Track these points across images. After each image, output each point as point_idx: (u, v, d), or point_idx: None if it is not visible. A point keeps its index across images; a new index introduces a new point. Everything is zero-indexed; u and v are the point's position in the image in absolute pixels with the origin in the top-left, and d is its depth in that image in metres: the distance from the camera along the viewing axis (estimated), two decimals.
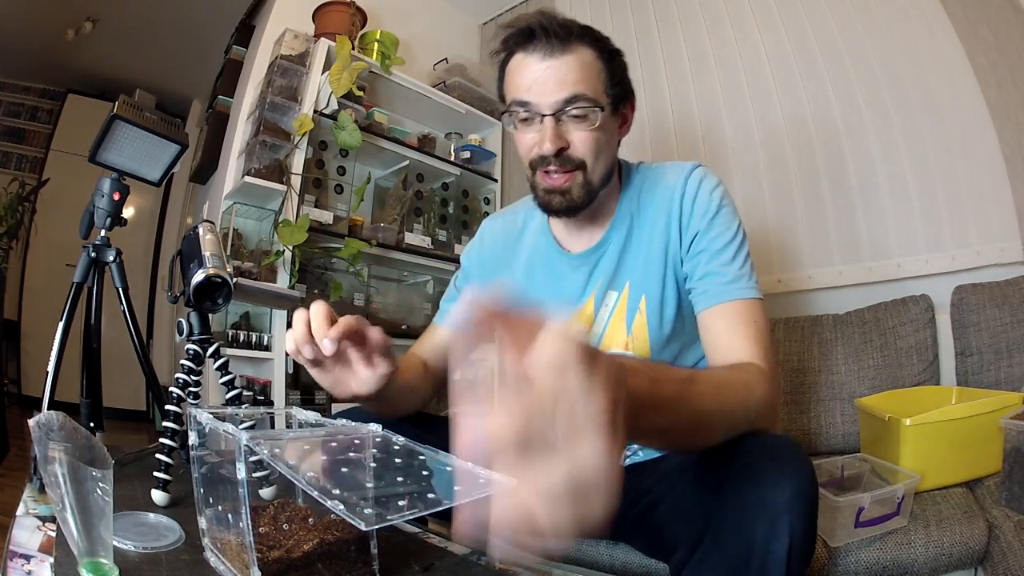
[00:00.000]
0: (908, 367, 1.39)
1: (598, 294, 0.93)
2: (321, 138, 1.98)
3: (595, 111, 0.81)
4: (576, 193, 0.84)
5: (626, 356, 0.44)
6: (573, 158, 0.83)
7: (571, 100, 0.80)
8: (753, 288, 0.82)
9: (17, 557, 0.59)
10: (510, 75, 0.85)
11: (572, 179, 0.84)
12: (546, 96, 0.80)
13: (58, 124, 3.78)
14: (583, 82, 0.80)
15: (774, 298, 1.79)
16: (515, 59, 0.84)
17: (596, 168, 0.84)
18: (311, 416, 0.73)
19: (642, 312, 0.89)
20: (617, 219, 0.93)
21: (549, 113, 0.80)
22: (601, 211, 0.92)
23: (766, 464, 0.63)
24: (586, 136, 0.82)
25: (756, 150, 1.85)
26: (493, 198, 2.50)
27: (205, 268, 0.84)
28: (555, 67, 0.80)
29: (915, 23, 1.59)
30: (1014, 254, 1.41)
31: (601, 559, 0.99)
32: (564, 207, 0.86)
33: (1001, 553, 0.93)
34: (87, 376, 1.09)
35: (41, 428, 0.59)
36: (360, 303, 2.05)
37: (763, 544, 0.60)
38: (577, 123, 0.81)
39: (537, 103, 0.81)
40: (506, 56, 0.85)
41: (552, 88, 0.80)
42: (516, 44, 0.83)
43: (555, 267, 0.97)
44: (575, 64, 0.80)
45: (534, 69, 0.80)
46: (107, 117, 1.01)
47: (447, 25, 2.72)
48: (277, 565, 0.56)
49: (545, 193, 0.86)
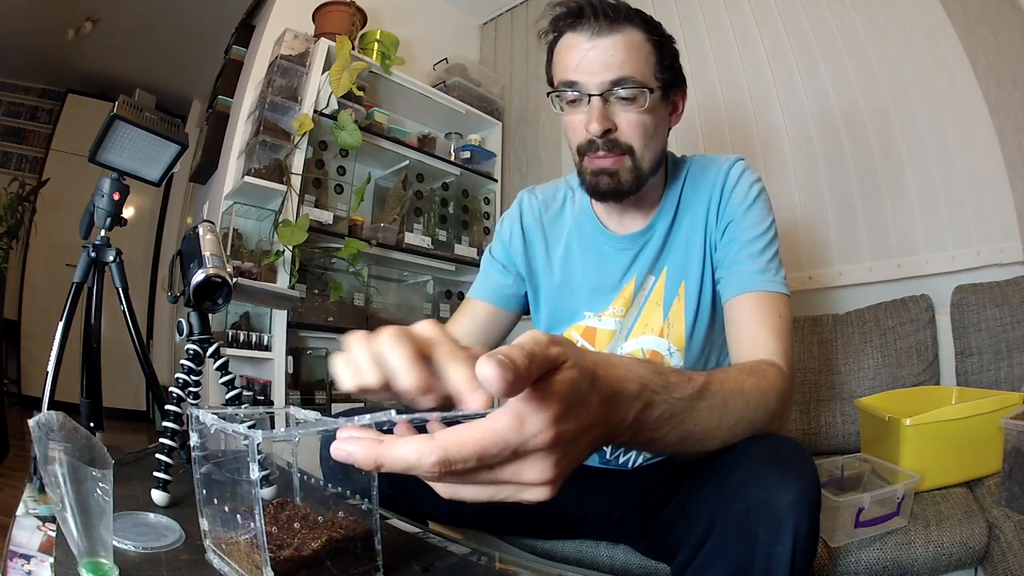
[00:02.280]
0: (908, 367, 1.39)
1: (638, 279, 0.92)
2: (321, 138, 1.98)
3: (644, 93, 0.79)
4: (624, 177, 0.82)
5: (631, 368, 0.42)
6: (621, 142, 0.81)
7: (619, 81, 0.78)
8: (781, 283, 0.81)
9: (17, 557, 0.59)
10: (558, 55, 0.84)
11: (621, 162, 0.82)
12: (594, 76, 0.78)
13: (58, 124, 3.78)
14: (631, 63, 0.78)
15: None
16: (563, 39, 0.82)
17: (645, 154, 0.82)
18: (311, 415, 0.73)
19: (680, 298, 0.89)
20: (664, 207, 0.92)
21: (596, 93, 0.79)
22: (647, 198, 0.91)
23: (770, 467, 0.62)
24: (634, 119, 0.80)
25: (756, 149, 1.85)
26: (493, 198, 2.50)
27: (205, 268, 0.83)
28: (603, 47, 0.78)
29: (915, 23, 1.59)
30: (1014, 254, 1.41)
31: (601, 559, 0.99)
32: (611, 189, 0.83)
33: (1001, 553, 0.93)
34: (87, 376, 1.09)
35: (41, 428, 0.59)
36: (360, 303, 2.05)
37: (767, 547, 0.60)
38: (625, 105, 0.80)
39: (584, 83, 0.79)
40: (555, 37, 0.84)
41: (600, 68, 0.78)
42: (564, 23, 0.82)
43: (598, 248, 0.95)
44: (624, 44, 0.78)
45: (581, 48, 0.79)
46: (107, 117, 1.01)
47: (447, 25, 2.72)
48: (289, 564, 0.56)
49: (593, 175, 0.84)
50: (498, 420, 0.32)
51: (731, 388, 0.61)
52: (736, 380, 0.63)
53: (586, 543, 1.01)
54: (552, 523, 1.00)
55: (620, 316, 0.92)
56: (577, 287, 0.96)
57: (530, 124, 2.51)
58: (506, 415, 0.32)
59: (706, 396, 0.55)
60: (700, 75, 1.99)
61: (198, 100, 3.75)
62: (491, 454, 0.32)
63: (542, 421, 0.33)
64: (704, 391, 0.55)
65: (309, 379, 1.96)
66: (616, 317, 0.92)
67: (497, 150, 2.51)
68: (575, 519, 0.97)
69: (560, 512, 0.97)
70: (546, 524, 1.01)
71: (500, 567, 0.70)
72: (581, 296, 0.95)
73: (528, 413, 0.33)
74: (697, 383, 0.54)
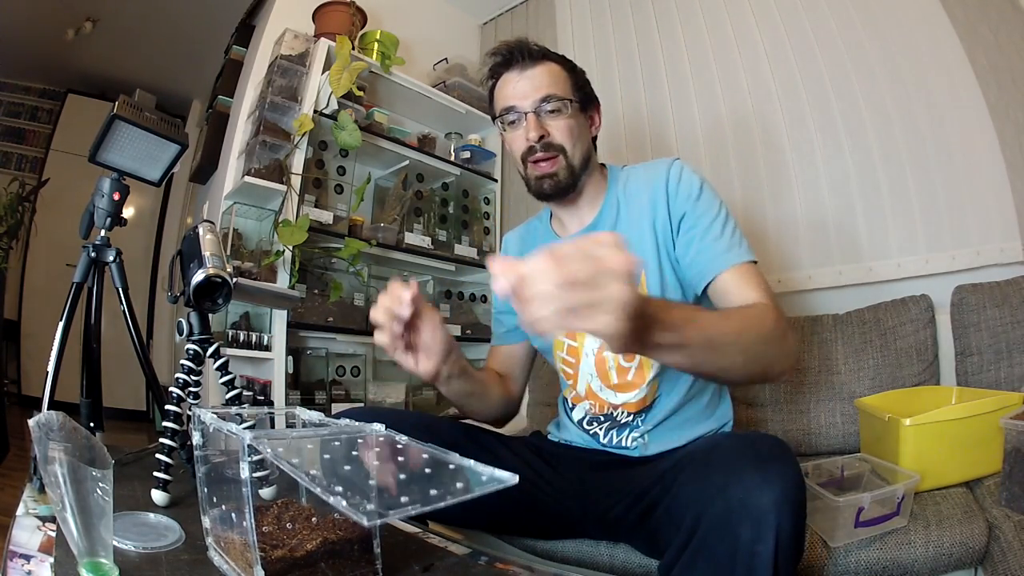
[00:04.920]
0: (908, 367, 1.39)
1: None
2: (321, 138, 1.98)
3: (566, 104, 1.00)
4: (562, 175, 1.01)
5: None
6: (554, 143, 1.00)
7: (546, 98, 0.99)
8: (748, 251, 0.92)
9: (17, 557, 0.59)
10: (498, 92, 1.05)
11: (557, 163, 1.00)
12: (526, 98, 1.00)
13: (58, 124, 3.78)
14: (554, 85, 1.00)
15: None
16: (500, 80, 1.04)
17: (575, 152, 1.01)
18: (314, 416, 0.73)
19: (642, 286, 0.97)
20: (606, 203, 1.06)
21: (530, 110, 0.99)
22: (589, 197, 1.07)
23: (751, 467, 0.63)
24: (562, 124, 1.00)
25: (756, 149, 1.85)
26: (493, 198, 2.50)
27: (205, 268, 0.84)
28: (530, 76, 1.00)
29: (915, 23, 1.58)
30: (1014, 254, 1.41)
31: (601, 559, 0.99)
32: (553, 188, 1.01)
33: (1001, 553, 0.93)
34: (87, 376, 1.09)
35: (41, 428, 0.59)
36: (360, 303, 2.05)
37: (748, 546, 0.60)
38: (553, 116, 1.00)
39: (520, 105, 1.00)
40: (493, 82, 1.06)
41: (530, 91, 1.00)
42: (500, 67, 1.04)
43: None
44: (546, 72, 1.01)
45: (514, 81, 1.01)
46: (107, 117, 1.01)
47: (447, 25, 2.72)
48: (280, 564, 0.56)
49: (536, 180, 1.02)
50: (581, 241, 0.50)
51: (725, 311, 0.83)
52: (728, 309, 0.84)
53: (586, 543, 1.01)
54: (552, 523, 1.00)
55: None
56: None
57: None
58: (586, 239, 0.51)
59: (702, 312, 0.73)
60: (700, 74, 1.99)
61: (198, 100, 3.75)
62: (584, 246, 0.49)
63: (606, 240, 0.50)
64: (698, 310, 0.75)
65: (309, 379, 1.96)
66: None
67: (497, 150, 2.51)
68: (574, 517, 0.98)
69: (560, 511, 0.97)
70: (546, 524, 1.01)
71: (500, 567, 0.70)
72: None
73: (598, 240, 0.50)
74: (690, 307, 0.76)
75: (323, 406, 1.90)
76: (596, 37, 2.34)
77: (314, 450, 0.59)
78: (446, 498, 0.46)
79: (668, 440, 0.98)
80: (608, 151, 2.18)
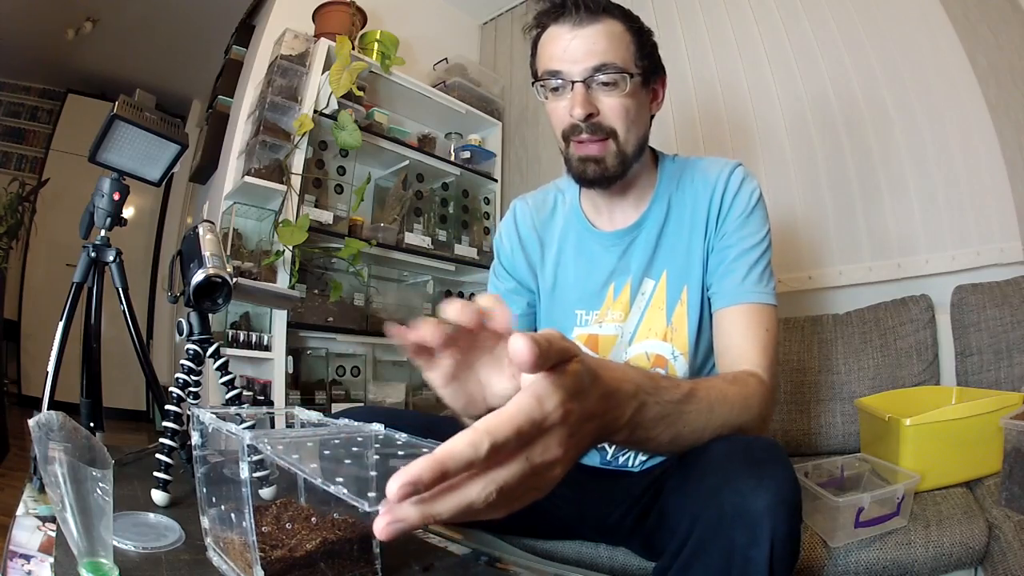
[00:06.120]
0: (908, 367, 1.39)
1: (634, 282, 0.93)
2: (321, 138, 1.98)
3: (624, 78, 0.82)
4: (610, 162, 0.85)
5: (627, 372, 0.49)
6: (604, 125, 0.84)
7: (600, 68, 0.81)
8: (770, 294, 0.84)
9: (17, 557, 0.59)
10: (542, 47, 0.87)
11: (605, 148, 0.85)
12: (576, 64, 0.82)
13: (58, 124, 3.78)
14: (612, 51, 0.82)
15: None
16: (546, 33, 0.86)
17: (628, 138, 0.85)
18: (314, 416, 0.73)
19: (683, 303, 0.90)
20: (655, 201, 0.93)
21: (579, 80, 0.82)
22: (636, 190, 0.93)
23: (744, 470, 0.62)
24: (616, 103, 0.83)
25: (756, 148, 1.85)
26: (493, 198, 2.50)
27: (205, 268, 0.84)
28: (584, 36, 0.81)
29: (915, 23, 1.58)
30: (1014, 254, 1.41)
31: (601, 560, 0.99)
32: (598, 176, 0.86)
33: (1001, 553, 0.93)
34: (87, 376, 1.09)
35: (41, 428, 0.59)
36: (360, 303, 2.05)
37: (743, 551, 0.59)
38: (607, 90, 0.82)
39: (567, 71, 0.82)
40: (538, 32, 0.87)
41: (582, 56, 0.81)
42: (547, 17, 0.85)
43: (586, 246, 0.97)
44: (604, 33, 0.82)
45: (564, 39, 0.82)
46: (107, 117, 1.01)
47: (447, 25, 2.72)
48: (280, 564, 0.56)
49: (580, 162, 0.86)
50: (521, 400, 0.36)
51: (716, 395, 0.65)
52: (720, 387, 0.67)
53: (586, 544, 1.01)
54: (551, 525, 1.00)
55: (620, 321, 0.93)
56: (568, 287, 0.97)
57: (530, 124, 2.51)
58: (526, 396, 0.36)
59: (693, 400, 0.59)
60: (699, 75, 1.99)
61: (198, 100, 3.75)
62: (524, 430, 0.35)
63: (556, 399, 0.37)
64: (691, 396, 0.59)
65: (309, 379, 1.96)
66: (616, 323, 0.93)
67: (497, 150, 2.51)
68: (573, 520, 0.97)
69: (559, 514, 0.97)
70: (545, 526, 1.01)
71: (500, 567, 0.70)
72: (571, 296, 0.97)
73: (545, 393, 0.36)
74: (685, 388, 0.58)
75: (323, 406, 1.90)
76: None
77: (313, 449, 0.59)
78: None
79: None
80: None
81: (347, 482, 0.42)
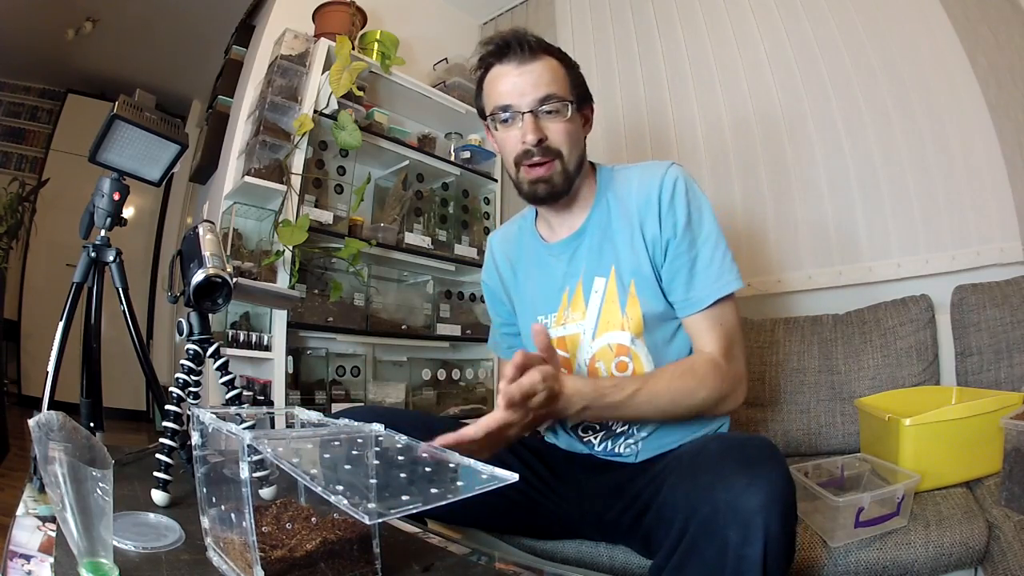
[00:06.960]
0: (908, 367, 1.38)
1: (585, 281, 1.00)
2: (321, 138, 1.98)
3: (566, 105, 0.94)
4: (557, 180, 0.96)
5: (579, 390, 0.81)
6: (552, 147, 0.94)
7: (545, 99, 0.93)
8: (723, 285, 0.92)
9: (17, 557, 0.59)
10: (489, 85, 0.97)
11: (552, 168, 0.95)
12: (524, 96, 0.93)
13: (58, 124, 3.78)
14: (554, 83, 0.94)
15: (774, 298, 1.79)
16: (492, 72, 0.97)
17: (571, 157, 0.96)
18: (314, 416, 0.73)
19: (632, 295, 0.96)
20: (595, 207, 1.02)
21: (528, 110, 0.93)
22: (580, 201, 1.03)
23: (738, 469, 0.63)
24: (560, 127, 0.94)
25: (756, 148, 1.85)
26: (493, 198, 2.50)
27: (205, 268, 0.84)
28: (529, 72, 0.93)
29: (915, 23, 1.58)
30: (1014, 254, 1.41)
31: (601, 560, 0.99)
32: (548, 193, 0.97)
33: (1001, 553, 0.93)
34: (87, 376, 1.09)
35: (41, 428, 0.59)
36: (360, 303, 2.05)
37: (737, 549, 0.60)
38: (552, 118, 0.94)
39: (517, 103, 0.93)
40: (484, 71, 0.98)
41: (529, 89, 0.93)
42: (493, 58, 0.96)
43: (540, 259, 1.07)
44: (546, 69, 0.94)
45: (511, 76, 0.94)
46: (107, 117, 1.01)
47: (447, 25, 2.72)
48: (280, 564, 0.56)
49: (530, 184, 0.97)
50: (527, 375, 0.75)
51: (659, 389, 0.86)
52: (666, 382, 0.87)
53: (586, 543, 1.01)
54: (551, 524, 1.00)
55: (580, 320, 1.00)
56: (532, 300, 1.07)
57: None
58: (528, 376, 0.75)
59: (636, 397, 0.84)
60: (700, 74, 1.99)
61: (198, 100, 3.75)
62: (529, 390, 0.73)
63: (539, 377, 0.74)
64: (634, 395, 0.84)
65: (309, 379, 1.96)
66: (577, 322, 1.00)
67: (497, 150, 2.50)
68: (572, 519, 0.98)
69: (558, 512, 0.97)
70: (545, 525, 1.01)
71: (500, 567, 0.70)
72: (535, 305, 1.06)
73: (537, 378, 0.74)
74: (628, 390, 0.84)
75: (323, 406, 1.90)
76: (596, 37, 2.34)
77: (313, 450, 0.59)
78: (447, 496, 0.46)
79: (661, 445, 0.97)
80: (608, 151, 2.18)
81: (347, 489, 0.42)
